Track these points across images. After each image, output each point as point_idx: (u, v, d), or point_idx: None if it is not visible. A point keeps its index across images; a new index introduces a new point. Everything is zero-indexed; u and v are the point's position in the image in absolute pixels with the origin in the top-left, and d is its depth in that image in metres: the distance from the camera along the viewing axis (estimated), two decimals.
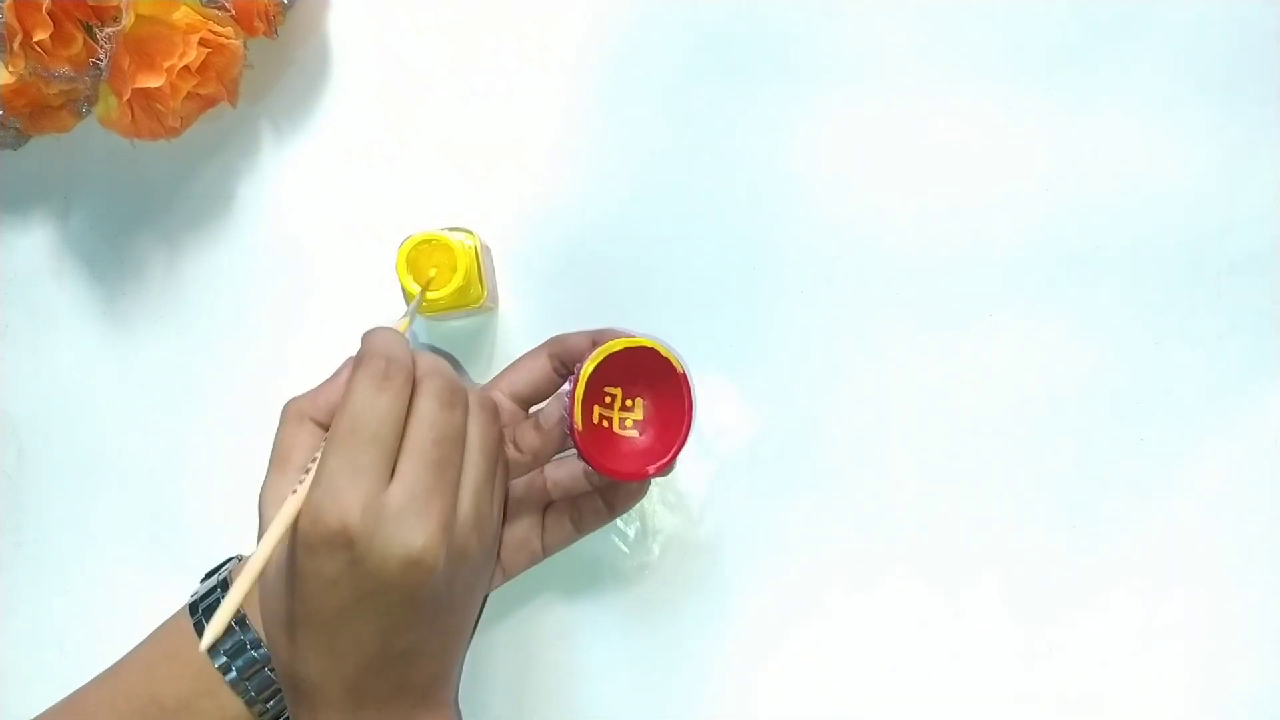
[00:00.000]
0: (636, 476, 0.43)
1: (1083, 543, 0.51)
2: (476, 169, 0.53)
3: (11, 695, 0.55)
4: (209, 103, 0.51)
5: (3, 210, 0.56)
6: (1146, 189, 0.51)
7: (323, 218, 0.54)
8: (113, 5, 0.47)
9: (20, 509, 0.56)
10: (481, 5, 0.53)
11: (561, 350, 0.46)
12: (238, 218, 0.55)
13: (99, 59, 0.48)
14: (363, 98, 0.54)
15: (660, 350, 0.42)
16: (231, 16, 0.49)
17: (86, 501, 0.56)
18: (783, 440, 0.52)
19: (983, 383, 0.51)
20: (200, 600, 0.44)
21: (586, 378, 0.42)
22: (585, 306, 0.53)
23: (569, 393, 0.42)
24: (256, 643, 0.43)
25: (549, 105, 0.53)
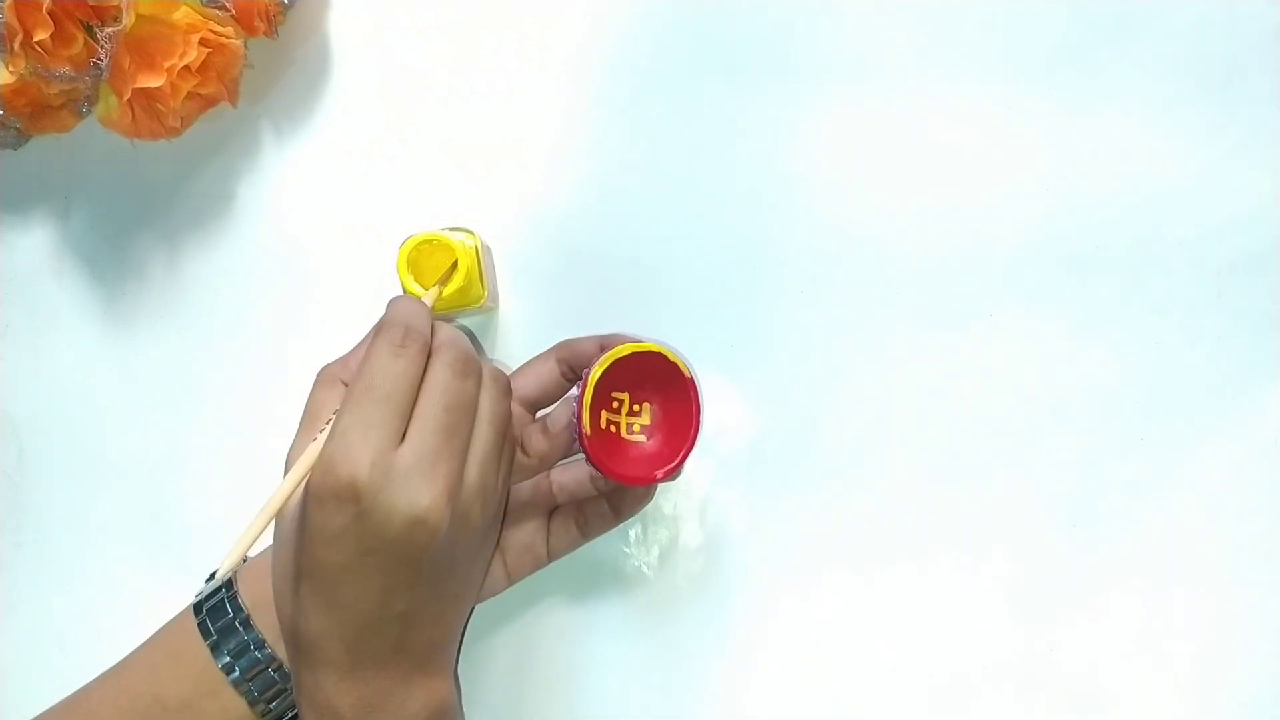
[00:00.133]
0: (644, 481, 0.43)
1: (1083, 542, 0.51)
2: (477, 169, 0.53)
3: (12, 695, 0.55)
4: (209, 103, 0.51)
5: (3, 210, 0.56)
6: (1146, 189, 0.51)
7: (323, 218, 0.54)
8: (113, 5, 0.47)
9: (20, 509, 0.56)
10: (481, 5, 0.53)
11: (569, 355, 0.46)
12: (238, 218, 0.55)
13: (99, 59, 0.48)
14: (363, 98, 0.54)
15: (668, 355, 0.42)
16: (232, 16, 0.49)
17: (86, 501, 0.56)
18: (783, 440, 0.52)
19: (983, 383, 0.52)
20: (204, 600, 0.44)
21: (595, 382, 0.42)
22: (586, 306, 0.53)
23: (577, 397, 0.42)
24: (260, 643, 0.43)
25: (549, 105, 0.53)
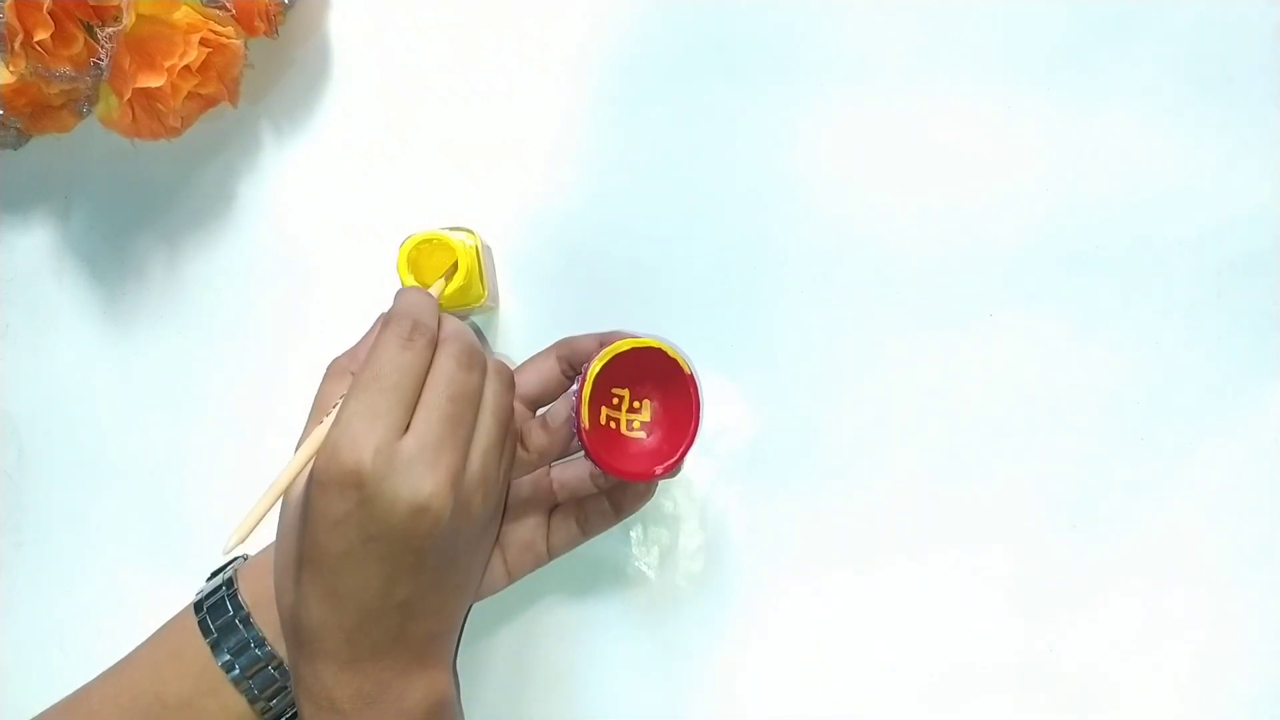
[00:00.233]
0: (644, 477, 0.43)
1: (1083, 542, 0.51)
2: (476, 169, 0.53)
3: (12, 695, 0.55)
4: (210, 102, 0.51)
5: (3, 210, 0.56)
6: (1146, 189, 0.51)
7: (323, 218, 0.54)
8: (113, 5, 0.47)
9: (20, 509, 0.56)
10: (481, 5, 0.53)
11: (569, 352, 0.46)
12: (238, 218, 0.55)
13: (100, 59, 0.48)
14: (363, 98, 0.54)
15: (668, 351, 0.42)
16: (232, 16, 0.49)
17: (87, 501, 0.56)
18: (783, 440, 0.52)
19: (983, 382, 0.52)
20: (205, 599, 0.45)
21: (594, 377, 0.42)
22: (586, 306, 0.53)
23: (576, 392, 0.42)
24: (260, 641, 0.43)
25: (549, 105, 0.53)
